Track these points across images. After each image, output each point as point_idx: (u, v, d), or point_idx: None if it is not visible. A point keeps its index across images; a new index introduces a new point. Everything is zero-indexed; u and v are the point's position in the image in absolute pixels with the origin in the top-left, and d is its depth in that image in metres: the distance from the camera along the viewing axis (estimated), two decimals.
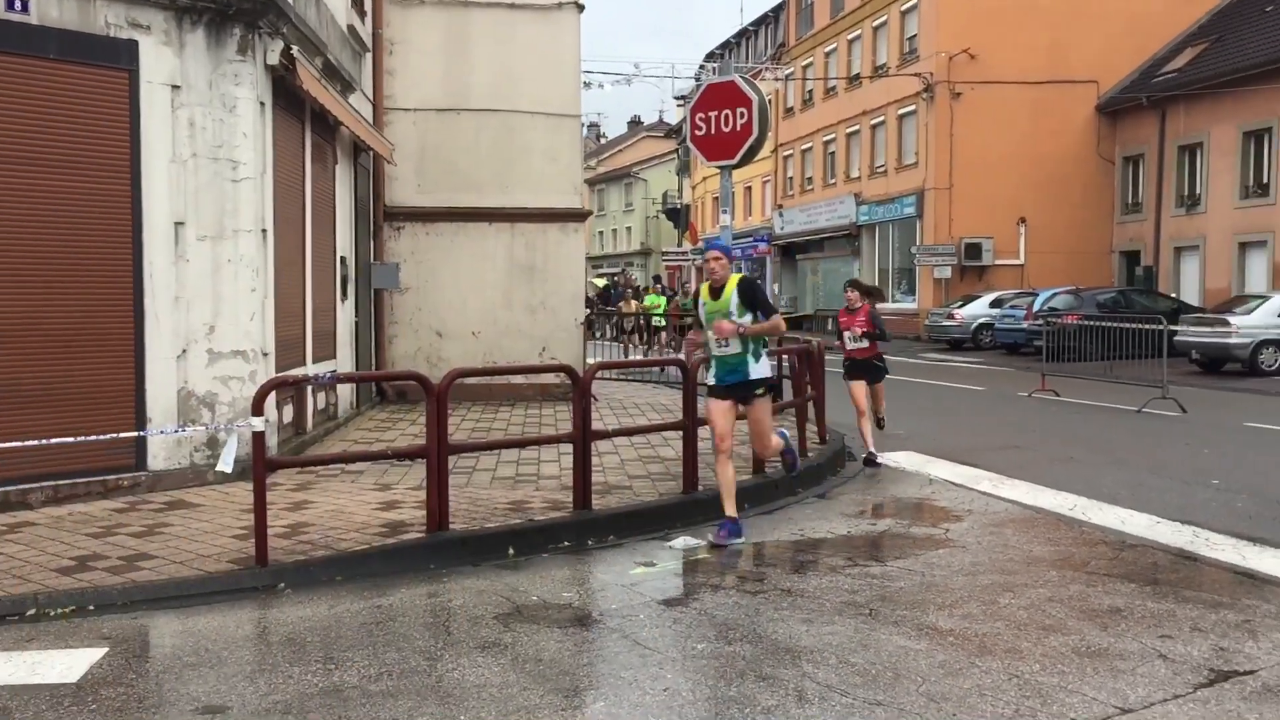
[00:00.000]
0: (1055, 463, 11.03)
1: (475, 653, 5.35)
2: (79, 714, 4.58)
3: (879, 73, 38.15)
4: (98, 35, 8.64)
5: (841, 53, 41.51)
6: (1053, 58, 33.58)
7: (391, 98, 15.77)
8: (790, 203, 46.65)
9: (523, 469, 10.00)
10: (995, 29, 33.35)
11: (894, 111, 37.00)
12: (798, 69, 45.30)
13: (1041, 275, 32.36)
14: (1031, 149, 33.74)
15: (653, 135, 78.65)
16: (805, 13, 45.33)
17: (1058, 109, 33.83)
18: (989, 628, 5.67)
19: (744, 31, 56.18)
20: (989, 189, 33.66)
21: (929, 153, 34.70)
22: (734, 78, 9.58)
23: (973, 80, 33.53)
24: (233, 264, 9.34)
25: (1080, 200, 34.11)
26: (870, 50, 39.15)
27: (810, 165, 44.89)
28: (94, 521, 7.90)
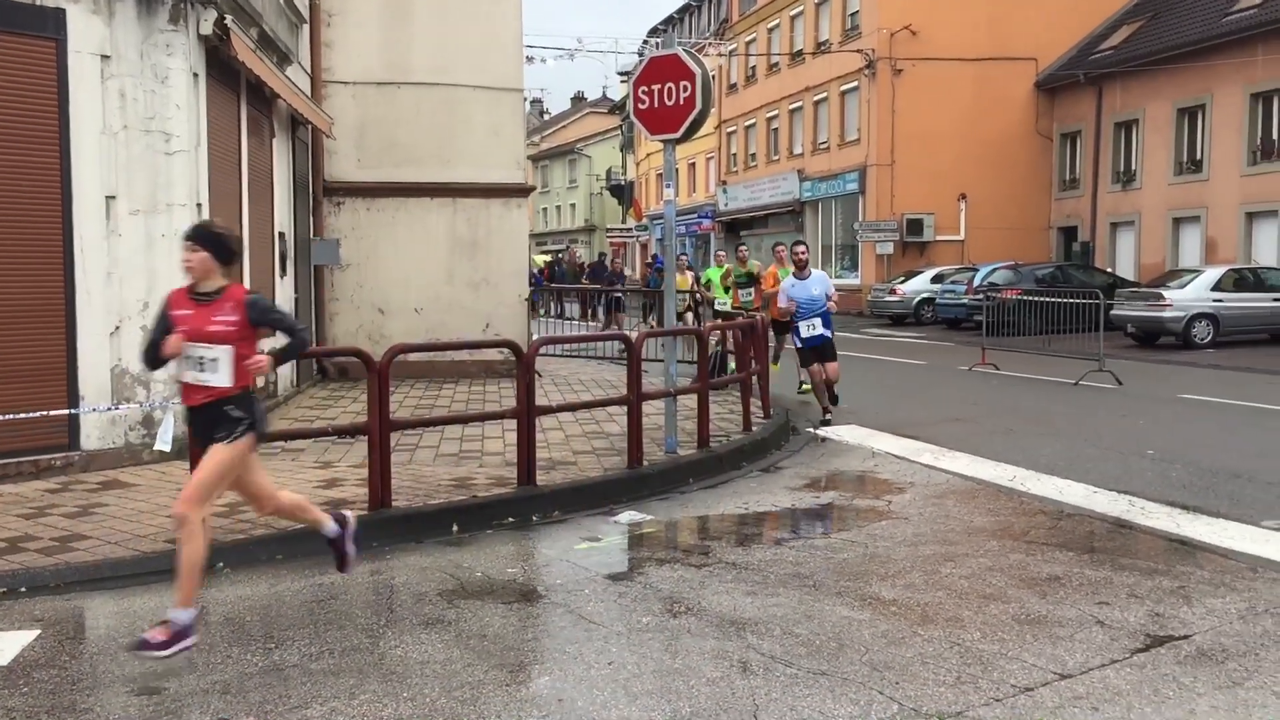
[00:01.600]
0: (995, 435, 11.17)
1: (419, 630, 5.31)
2: (10, 697, 4.47)
3: (821, 49, 38.23)
4: (23, 3, 8.37)
5: (784, 29, 41.55)
6: (993, 34, 33.87)
7: (330, 70, 15.51)
8: (734, 179, 46.72)
9: (466, 446, 9.93)
10: (936, 6, 33.56)
11: (836, 88, 37.13)
12: (741, 44, 45.27)
13: (981, 251, 32.74)
14: (972, 126, 34.06)
15: (596, 111, 78.28)
16: None
17: (998, 86, 34.16)
18: (931, 597, 5.73)
19: (687, 7, 56.03)
20: (930, 165, 33.94)
21: (871, 129, 34.88)
22: (677, 51, 9.51)
23: (914, 57, 33.73)
24: (167, 239, 9.12)
25: (1019, 176, 34.53)
26: (813, 26, 39.22)
27: (754, 141, 44.95)
28: (25, 502, 7.71)
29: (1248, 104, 27.11)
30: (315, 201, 15.28)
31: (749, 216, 44.73)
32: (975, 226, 34.22)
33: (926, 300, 29.98)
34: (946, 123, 33.87)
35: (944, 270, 30.73)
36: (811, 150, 39.44)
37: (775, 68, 42.58)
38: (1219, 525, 7.23)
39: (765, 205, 42.76)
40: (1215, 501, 7.96)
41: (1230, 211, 27.60)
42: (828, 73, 37.49)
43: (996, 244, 32.95)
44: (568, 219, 77.73)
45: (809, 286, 12.13)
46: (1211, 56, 27.78)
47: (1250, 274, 23.01)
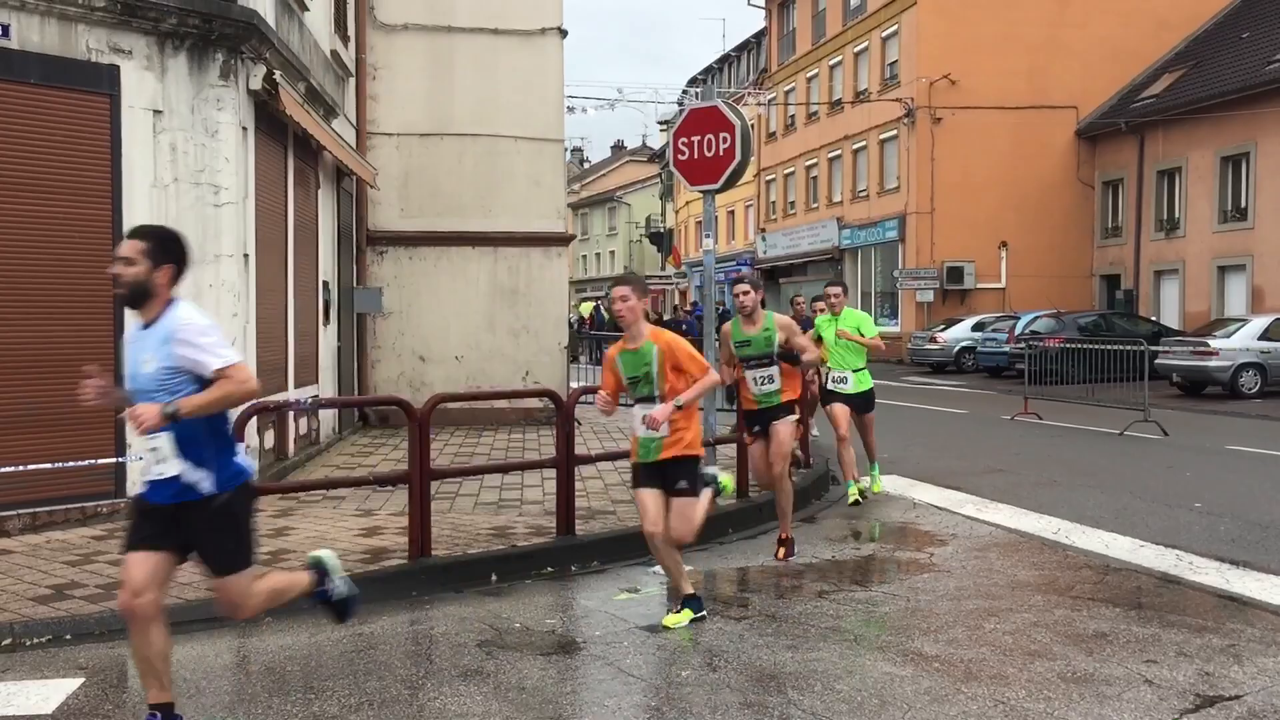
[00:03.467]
0: (1038, 486, 11.04)
1: (457, 681, 5.30)
2: None
3: (860, 98, 38.39)
4: (79, 60, 8.60)
5: (823, 78, 41.77)
6: (1032, 83, 33.88)
7: (375, 122, 15.78)
8: (773, 226, 46.82)
9: (506, 494, 9.95)
10: (975, 55, 33.63)
11: (875, 136, 37.22)
12: (780, 94, 45.55)
13: (1023, 299, 32.51)
14: (1012, 173, 33.98)
15: (636, 159, 78.93)
16: (787, 39, 45.64)
17: (1038, 134, 34.09)
18: (974, 653, 5.65)
19: (726, 57, 56.51)
20: (970, 213, 33.86)
21: (910, 177, 34.90)
22: (716, 102, 9.60)
23: (953, 105, 33.77)
24: (214, 289, 9.29)
25: (1060, 224, 34.35)
26: (852, 75, 39.41)
27: (793, 189, 45.09)
28: (72, 549, 7.81)
29: None
30: (359, 250, 15.49)
31: (788, 264, 44.75)
32: (1016, 274, 34.02)
33: (967, 348, 29.78)
34: (986, 170, 33.82)
35: (985, 318, 30.54)
36: (851, 198, 39.48)
37: (814, 116, 42.78)
38: (1270, 581, 7.10)
39: (805, 253, 42.78)
40: (1265, 557, 7.81)
41: (1276, 259, 27.27)
42: (867, 121, 37.61)
43: (1038, 292, 32.71)
44: (607, 266, 78.11)
45: None
46: (1254, 104, 27.59)
47: None
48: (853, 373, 10.25)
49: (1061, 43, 33.91)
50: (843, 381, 10.22)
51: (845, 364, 10.25)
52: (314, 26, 12.45)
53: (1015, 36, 33.73)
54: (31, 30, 8.35)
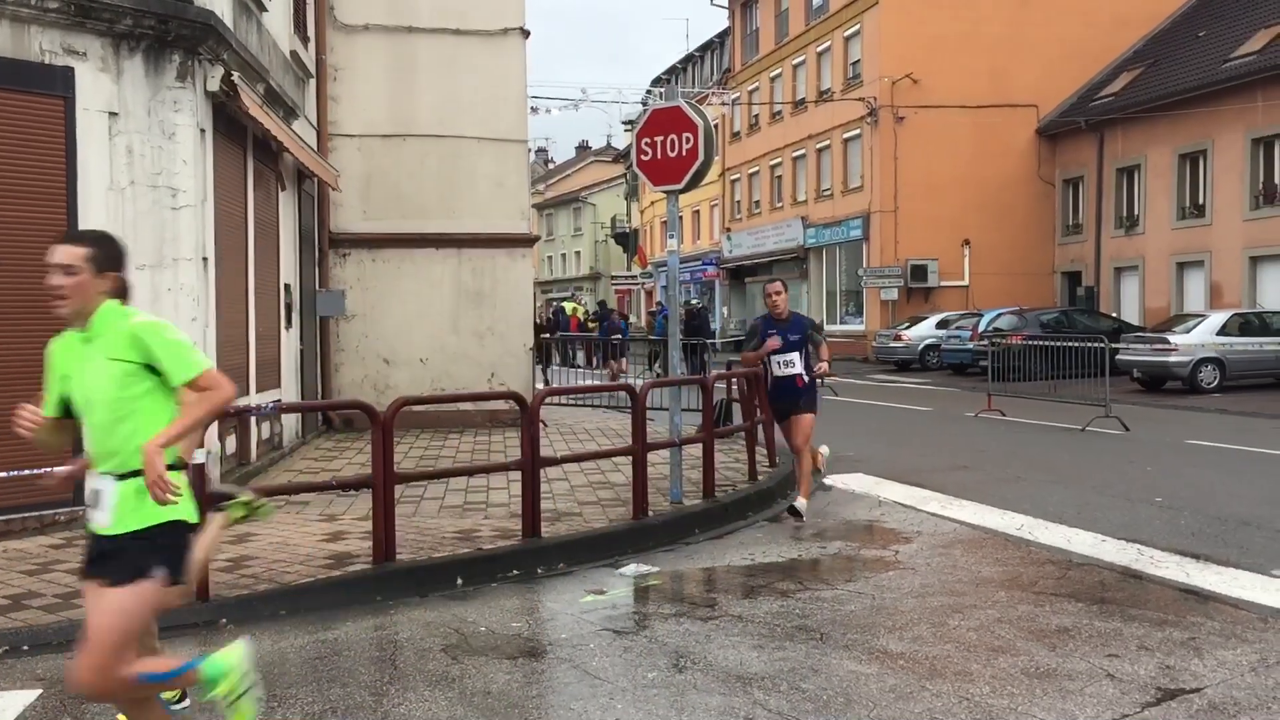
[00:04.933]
0: (1002, 482, 11.12)
1: (422, 686, 5.26)
2: None
3: (823, 97, 38.55)
4: (32, 62, 8.47)
5: (786, 78, 41.92)
6: (994, 82, 34.15)
7: (336, 124, 15.67)
8: (738, 226, 46.94)
9: (471, 497, 9.90)
10: (937, 54, 33.86)
11: (839, 135, 37.40)
12: (744, 94, 45.66)
13: (986, 296, 32.78)
14: (974, 172, 34.24)
15: (601, 160, 78.88)
16: (750, 39, 45.77)
17: (999, 132, 34.38)
18: (939, 650, 5.67)
19: (690, 57, 56.60)
20: (933, 211, 34.09)
21: (874, 176, 35.08)
22: (679, 103, 9.59)
23: (916, 105, 33.99)
24: (173, 293, 9.18)
25: (1022, 222, 34.65)
26: (815, 75, 39.58)
27: (757, 189, 45.22)
28: (29, 558, 7.69)
29: (1249, 149, 27.23)
30: (321, 253, 15.37)
31: (753, 263, 44.89)
32: (979, 272, 34.30)
33: (931, 346, 29.99)
34: (949, 169, 34.06)
35: (949, 316, 30.79)
36: (815, 197, 39.65)
37: (778, 116, 42.92)
38: (1229, 574, 7.18)
39: (770, 252, 42.91)
40: (1225, 550, 7.90)
41: (1234, 256, 27.65)
42: (830, 120, 37.78)
43: (1001, 289, 33.00)
44: (573, 267, 78.03)
45: None
46: (1212, 102, 27.95)
47: (1255, 318, 22.99)
48: None
49: (1022, 42, 34.20)
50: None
51: None
52: (273, 27, 12.34)
53: (976, 35, 34.00)
54: None
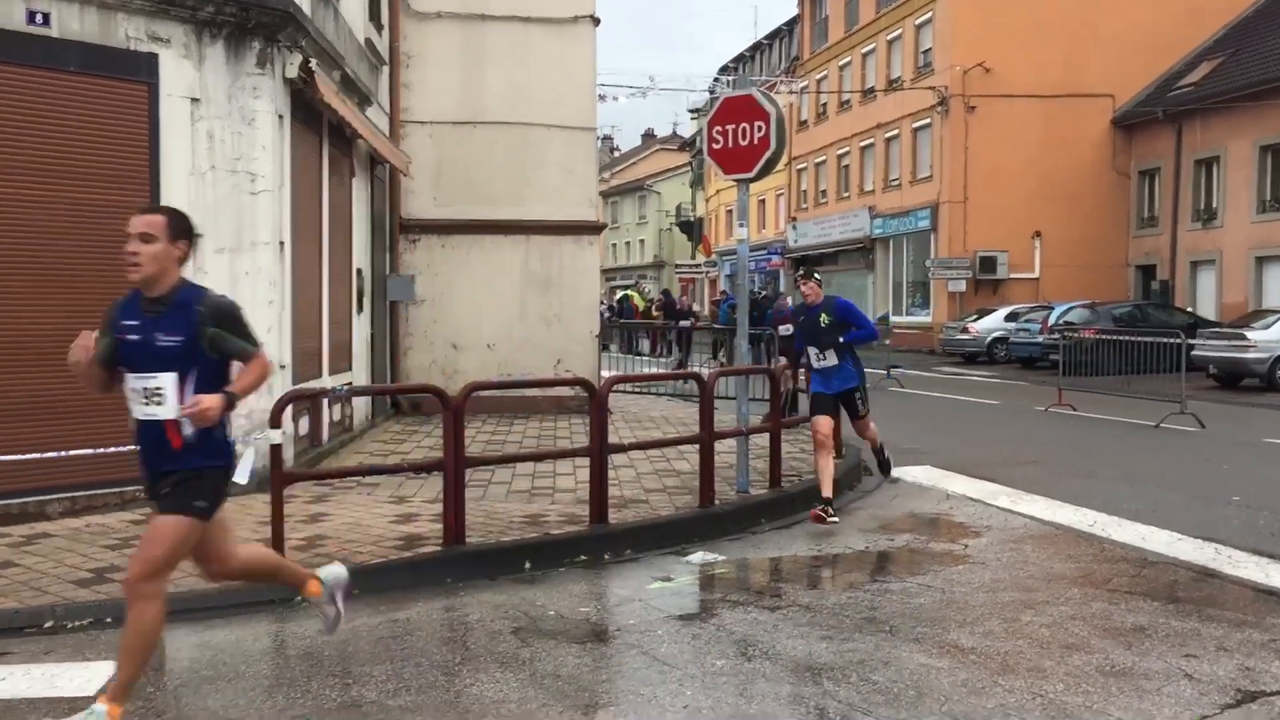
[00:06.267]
0: (1073, 478, 10.95)
1: (493, 668, 5.32)
2: None
3: (894, 86, 38.14)
4: (118, 49, 8.67)
5: (856, 66, 41.53)
6: (1068, 71, 33.54)
7: (408, 110, 15.81)
8: (804, 216, 46.65)
9: (538, 482, 9.97)
10: (1010, 42, 33.32)
11: (908, 125, 36.99)
12: (812, 82, 45.33)
13: (1056, 289, 32.26)
14: (1046, 162, 33.68)
15: (666, 148, 78.78)
16: (819, 26, 45.40)
17: (1073, 123, 33.77)
18: (1011, 646, 5.62)
19: (758, 45, 56.30)
20: (1004, 202, 33.60)
21: (943, 166, 34.66)
22: (751, 91, 9.55)
23: (987, 94, 33.50)
24: (250, 276, 9.36)
25: (1095, 214, 34.02)
26: (884, 63, 39.16)
27: (824, 178, 44.89)
28: (111, 533, 7.90)
29: None
30: (391, 239, 15.54)
31: (819, 253, 44.60)
32: (1050, 264, 33.75)
33: (1000, 339, 29.58)
34: (1021, 159, 33.54)
35: (1018, 308, 30.32)
36: (883, 187, 39.27)
37: (846, 105, 42.55)
38: None
39: (836, 242, 42.60)
40: None
41: None
42: (900, 110, 37.37)
43: (1072, 282, 32.44)
44: (637, 255, 78.10)
45: None
46: None
47: None
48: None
49: (1098, 30, 33.54)
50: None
51: None
52: (349, 14, 12.48)
53: (1051, 24, 33.40)
54: (71, 19, 8.41)
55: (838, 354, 9.11)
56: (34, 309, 8.31)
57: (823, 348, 9.16)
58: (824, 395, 9.22)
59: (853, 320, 9.24)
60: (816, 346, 9.18)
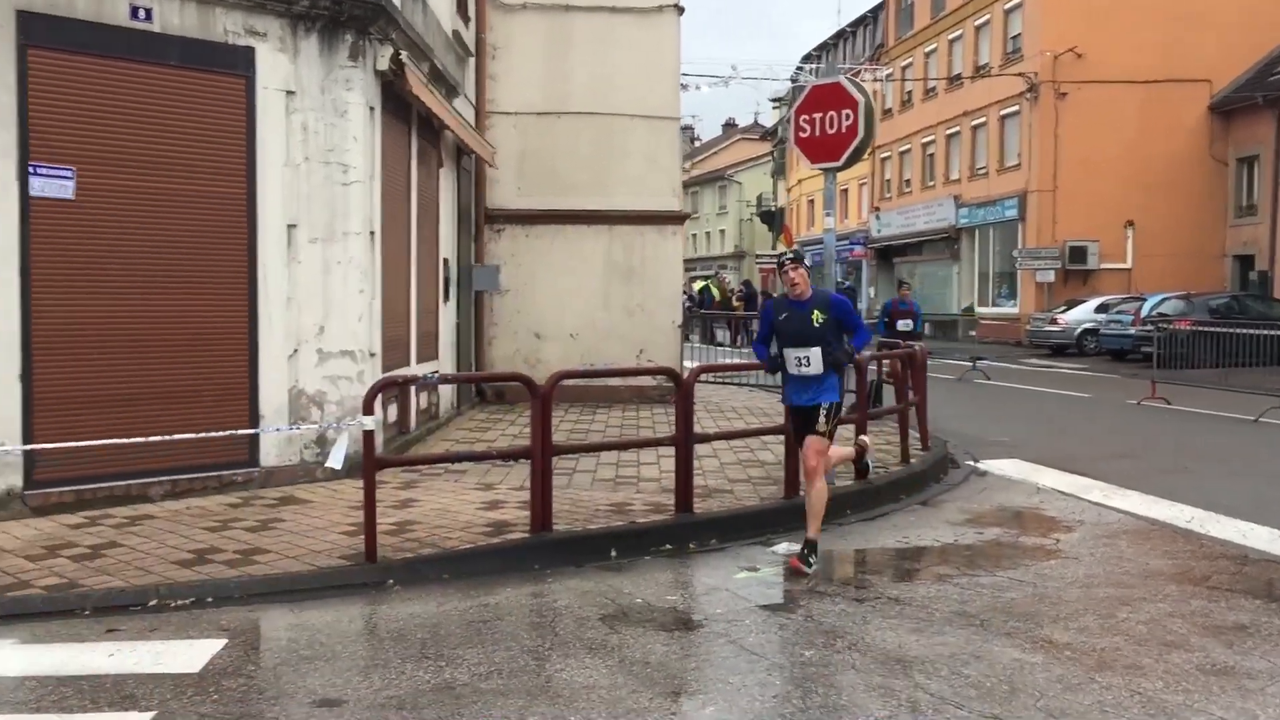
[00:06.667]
0: (1169, 473, 10.69)
1: (582, 654, 5.37)
2: (202, 703, 4.71)
3: (981, 73, 37.47)
4: (217, 42, 8.88)
5: (942, 53, 40.88)
6: (1164, 56, 32.62)
7: (493, 101, 15.95)
8: (887, 205, 46.09)
9: (623, 471, 10.02)
10: (1103, 27, 32.51)
11: (996, 112, 36.31)
12: (896, 70, 44.73)
13: (1149, 280, 31.44)
14: (1140, 150, 32.81)
15: (748, 138, 78.35)
16: (905, 13, 44.76)
17: (1168, 109, 32.85)
18: (1107, 642, 5.51)
19: (841, 33, 55.68)
20: (1095, 191, 32.83)
21: (1032, 154, 33.97)
22: (840, 79, 9.47)
23: (1079, 80, 32.73)
24: (342, 266, 9.54)
25: (1191, 202, 33.08)
26: (972, 50, 38.48)
27: (909, 167, 44.30)
28: (210, 515, 8.12)
29: None
30: (477, 229, 15.70)
31: (902, 243, 44.05)
32: (1143, 254, 32.91)
33: (1089, 330, 28.93)
34: (1113, 147, 32.72)
35: (1109, 299, 29.62)
36: (969, 175, 38.63)
37: (932, 92, 41.91)
38: None
39: (920, 232, 42.03)
40: None
41: None
42: (987, 97, 36.71)
43: (1166, 273, 31.60)
44: (717, 245, 77.86)
45: None
46: None
47: None
48: None
49: (1195, 13, 32.54)
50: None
51: None
52: (437, 7, 12.62)
53: (1146, 7, 32.50)
54: (172, 14, 8.64)
55: (824, 361, 7.30)
56: (137, 297, 8.56)
57: (808, 349, 7.32)
58: (802, 409, 7.46)
59: (851, 323, 7.51)
60: (800, 349, 7.33)
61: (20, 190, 7.93)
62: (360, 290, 9.66)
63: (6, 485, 7.98)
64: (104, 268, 8.38)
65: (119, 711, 4.63)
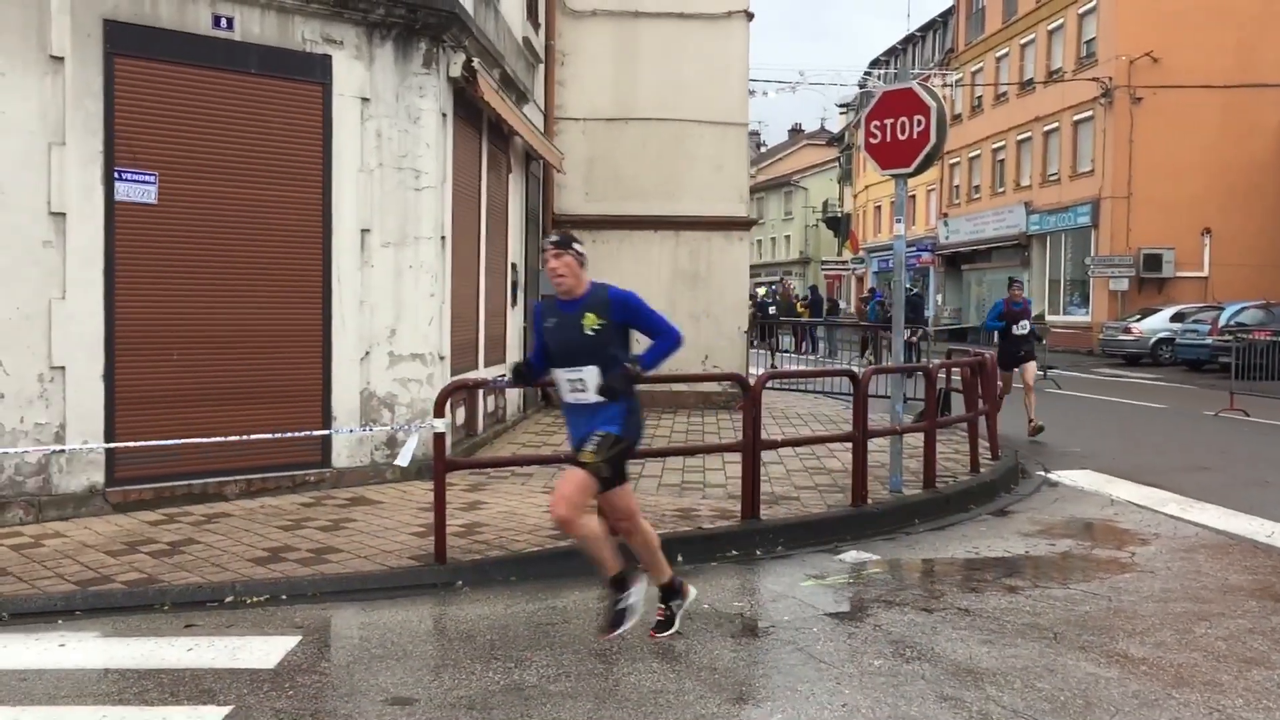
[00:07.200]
0: (1248, 486, 10.44)
1: (650, 658, 5.38)
2: (278, 698, 4.80)
3: (1053, 78, 36.93)
4: (295, 50, 9.06)
5: (1014, 57, 40.36)
6: (1241, 60, 31.92)
7: (562, 107, 16.06)
8: (956, 211, 45.58)
9: (688, 476, 10.02)
10: (1179, 30, 31.90)
11: (1069, 117, 35.77)
12: (966, 74, 44.24)
13: (1227, 289, 30.75)
14: (1217, 156, 32.12)
15: (814, 143, 78.00)
16: (976, 17, 44.26)
17: (1247, 113, 32.14)
18: (1185, 658, 5.40)
19: (910, 37, 55.21)
20: (1171, 198, 32.19)
21: (1106, 160, 33.40)
22: (911, 84, 9.38)
23: (1155, 84, 32.15)
24: (413, 270, 9.66)
25: (1270, 210, 32.32)
26: (1044, 54, 37.94)
27: (978, 173, 43.78)
28: (284, 514, 8.27)
29: None
30: (544, 233, 15.80)
31: (970, 250, 43.52)
32: (1220, 263, 32.19)
33: (1165, 340, 28.34)
34: (1189, 153, 32.06)
35: (1185, 309, 28.99)
36: (1040, 182, 38.07)
37: (1003, 97, 41.39)
38: None
39: (989, 238, 41.50)
40: None
41: None
42: (1060, 102, 36.17)
43: (1244, 282, 30.89)
44: (782, 251, 77.57)
45: None
46: None
47: None
48: None
49: (1273, 16, 31.83)
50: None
51: None
52: (508, 14, 12.75)
53: (1223, 10, 31.85)
54: (252, 23, 8.83)
55: (605, 383, 5.47)
56: (215, 300, 8.76)
57: (581, 369, 5.52)
58: None
59: (646, 324, 5.69)
60: (571, 368, 5.56)
61: (106, 194, 8.15)
62: (431, 294, 9.78)
63: (89, 482, 8.20)
64: (184, 270, 8.58)
65: (197, 705, 4.73)
